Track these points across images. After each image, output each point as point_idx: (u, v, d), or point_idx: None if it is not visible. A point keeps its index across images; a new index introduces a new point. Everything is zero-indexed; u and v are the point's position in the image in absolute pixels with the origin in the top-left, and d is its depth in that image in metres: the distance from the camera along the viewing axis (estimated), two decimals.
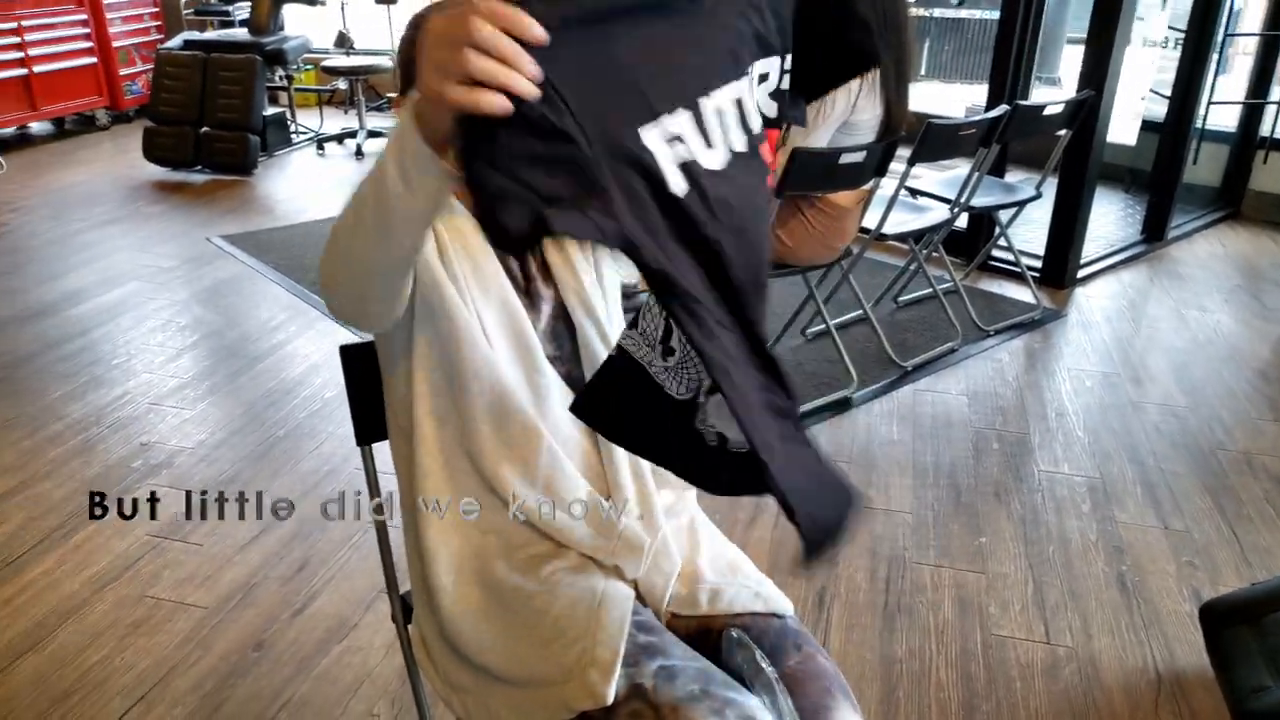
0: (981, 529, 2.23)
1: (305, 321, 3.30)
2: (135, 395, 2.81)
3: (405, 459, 1.16)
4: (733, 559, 1.18)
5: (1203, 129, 3.91)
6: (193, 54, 5.04)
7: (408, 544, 1.18)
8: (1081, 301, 3.53)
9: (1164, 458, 2.52)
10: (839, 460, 2.50)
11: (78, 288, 3.58)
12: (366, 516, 2.23)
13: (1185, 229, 4.20)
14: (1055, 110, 2.95)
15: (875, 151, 2.44)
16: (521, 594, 1.09)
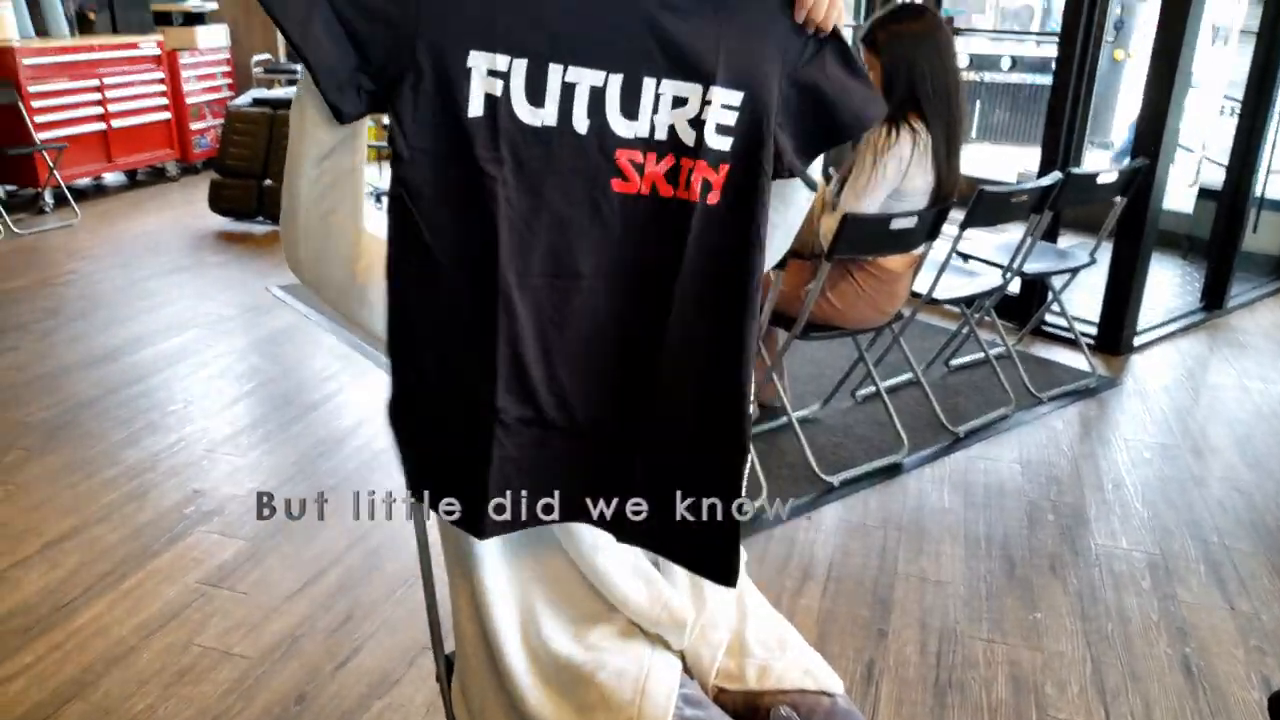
0: (1036, 604, 2.17)
1: (358, 372, 3.35)
2: (190, 441, 2.86)
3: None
4: (782, 633, 1.16)
5: (1262, 197, 3.85)
6: (261, 110, 5.23)
7: (455, 600, 1.18)
8: (1138, 370, 3.46)
9: (1228, 535, 2.44)
10: (888, 527, 2.46)
11: (140, 334, 3.68)
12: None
13: (1245, 298, 4.11)
14: (1109, 178, 2.92)
15: (927, 217, 2.44)
16: (569, 659, 1.07)
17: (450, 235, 0.93)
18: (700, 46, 0.92)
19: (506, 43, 0.88)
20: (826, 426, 2.95)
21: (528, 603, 1.11)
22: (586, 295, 0.96)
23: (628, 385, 0.99)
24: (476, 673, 1.13)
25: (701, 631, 1.13)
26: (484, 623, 1.10)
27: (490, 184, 0.91)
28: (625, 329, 0.98)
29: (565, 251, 0.95)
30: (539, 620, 1.10)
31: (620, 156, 0.94)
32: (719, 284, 0.97)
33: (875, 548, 2.37)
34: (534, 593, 1.11)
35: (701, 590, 1.15)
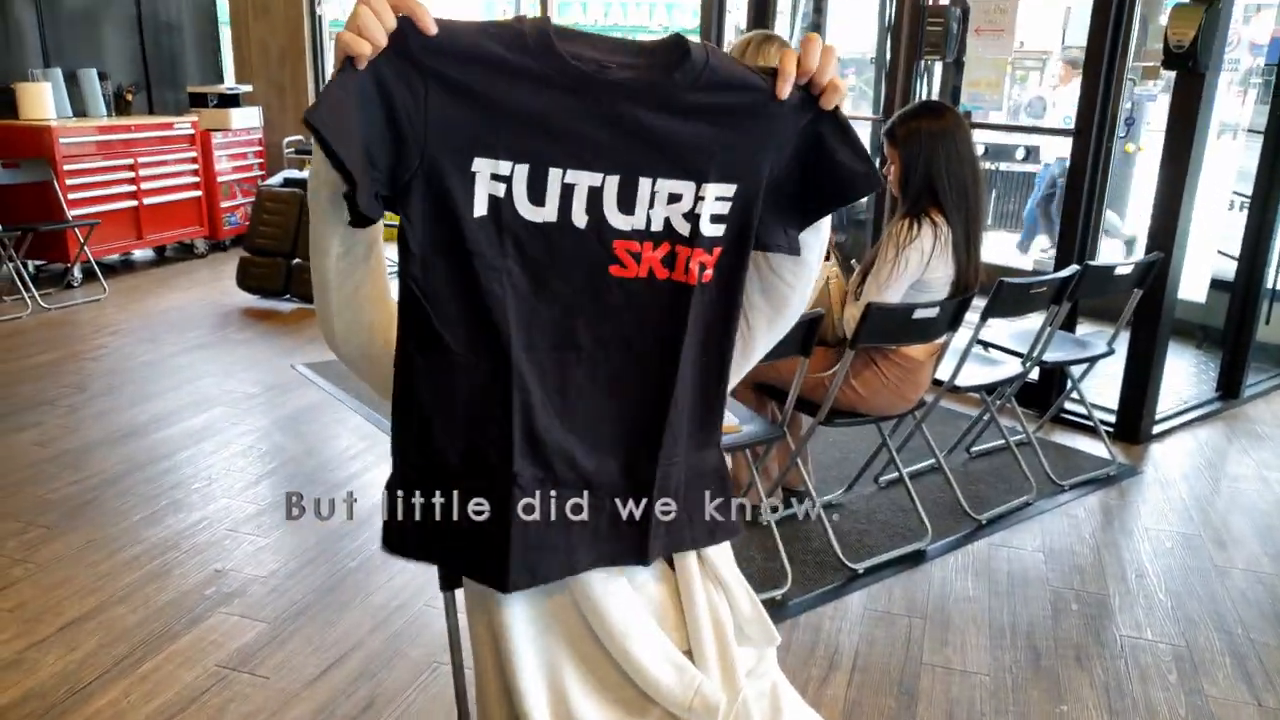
0: (1063, 696, 2.14)
1: (382, 452, 3.38)
2: (213, 521, 2.88)
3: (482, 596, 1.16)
4: None
5: (1274, 289, 3.90)
6: (291, 190, 5.37)
7: (482, 685, 1.17)
8: (1158, 458, 3.46)
9: (1253, 628, 2.41)
10: (913, 615, 2.44)
11: (166, 411, 3.73)
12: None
13: (1260, 387, 4.13)
14: (1125, 271, 2.98)
15: (949, 307, 2.48)
16: None
17: (461, 324, 1.01)
18: (696, 146, 1.00)
19: (509, 150, 0.97)
20: (850, 512, 2.95)
21: (559, 687, 1.11)
22: (586, 364, 1.05)
23: (628, 442, 1.09)
24: None
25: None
26: (516, 706, 1.11)
27: (496, 276, 1.00)
28: (624, 393, 1.07)
29: (567, 328, 1.04)
30: (572, 706, 1.11)
31: (618, 247, 1.03)
32: (709, 350, 1.09)
33: (900, 636, 2.36)
34: (567, 677, 1.11)
35: (734, 678, 1.16)
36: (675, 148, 1.00)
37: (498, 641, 1.13)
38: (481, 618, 1.17)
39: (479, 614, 1.17)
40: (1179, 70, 3.13)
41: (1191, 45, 2.98)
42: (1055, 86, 6.73)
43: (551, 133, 0.97)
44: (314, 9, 7.11)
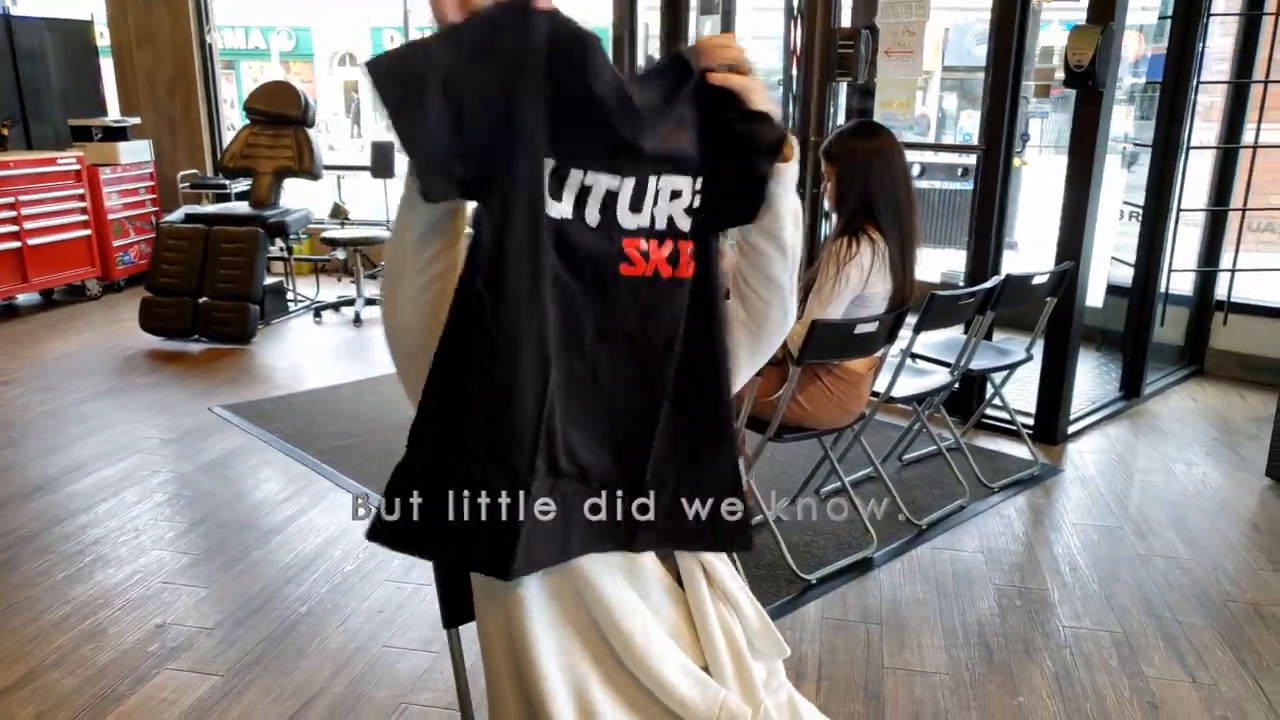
0: (1018, 688, 2.24)
1: (317, 493, 3.29)
2: (146, 574, 2.75)
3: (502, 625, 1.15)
4: None
5: (1166, 293, 4.17)
6: (195, 226, 5.19)
7: (501, 711, 1.16)
8: (1074, 457, 3.65)
9: (1179, 610, 2.57)
10: (869, 622, 2.51)
11: (78, 462, 3.54)
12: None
13: (1158, 385, 4.40)
14: (1042, 280, 3.15)
15: (886, 321, 2.58)
16: None
17: (512, 319, 1.03)
18: (688, 142, 1.07)
19: (552, 150, 1.01)
20: (796, 525, 3.01)
21: (588, 708, 1.11)
22: (588, 360, 1.09)
23: (623, 436, 1.13)
24: None
25: None
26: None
27: (545, 273, 1.04)
28: (621, 388, 1.11)
29: (574, 323, 1.08)
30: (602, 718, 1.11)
31: (628, 245, 1.08)
32: (705, 343, 1.13)
33: (860, 643, 2.42)
34: (595, 697, 1.11)
35: (753, 692, 1.18)
36: (679, 148, 1.07)
37: (521, 668, 1.12)
38: (499, 646, 1.16)
39: (497, 642, 1.16)
40: (1079, 88, 3.34)
41: (1090, 64, 3.19)
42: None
43: (578, 133, 1.01)
44: (203, 37, 6.90)
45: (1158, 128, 3.99)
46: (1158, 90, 4.00)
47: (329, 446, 3.66)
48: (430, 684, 2.25)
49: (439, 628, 2.41)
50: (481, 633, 1.19)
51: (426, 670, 2.30)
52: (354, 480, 3.35)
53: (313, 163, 5.64)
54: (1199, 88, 4.01)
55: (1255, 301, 4.56)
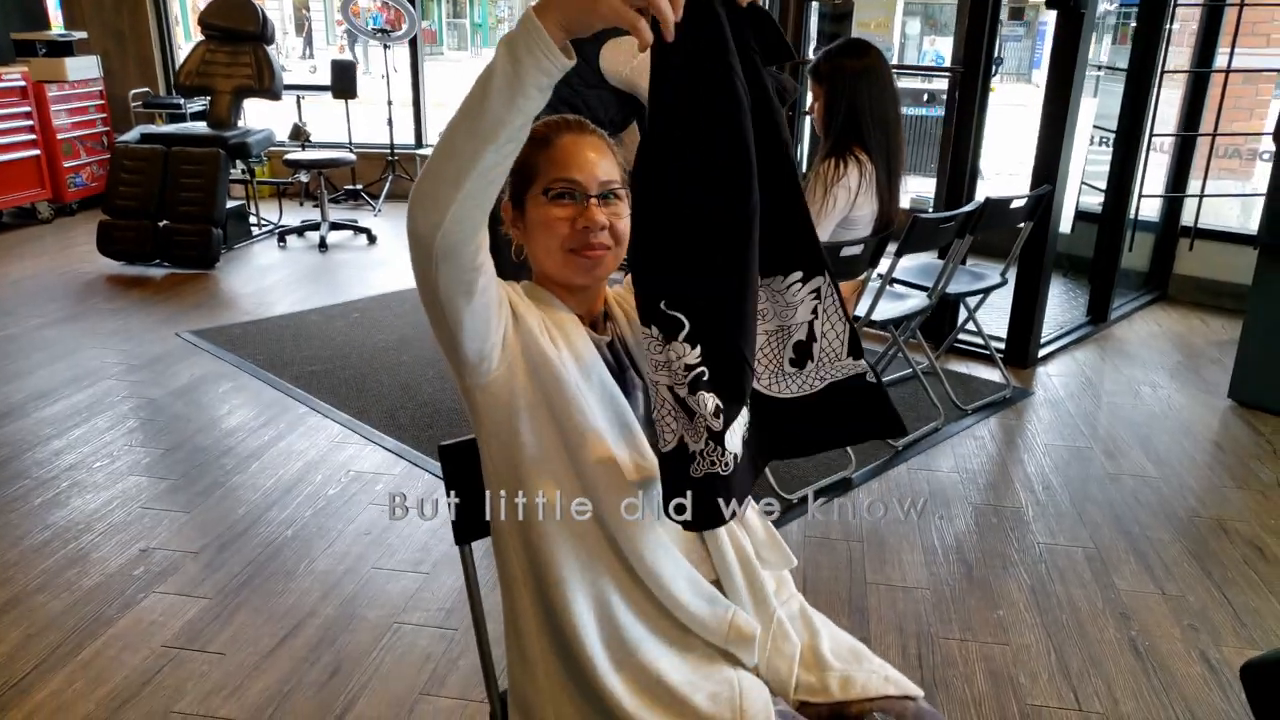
0: (997, 602, 2.32)
1: (294, 418, 3.26)
2: (126, 499, 2.72)
3: (520, 539, 1.16)
4: (852, 645, 1.23)
5: (1135, 219, 4.22)
6: (153, 147, 5.01)
7: (526, 625, 1.17)
8: (1044, 380, 3.72)
9: (1148, 526, 2.66)
10: (850, 540, 2.57)
11: (45, 388, 3.47)
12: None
13: (1123, 310, 4.49)
14: (1020, 204, 3.16)
15: (870, 244, 2.58)
16: (661, 676, 1.11)
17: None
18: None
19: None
20: None
21: (610, 618, 1.13)
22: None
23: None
24: (551, 694, 1.14)
25: (774, 644, 1.19)
26: (568, 635, 1.12)
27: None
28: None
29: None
30: (625, 633, 1.13)
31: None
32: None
33: (843, 560, 2.48)
34: (615, 607, 1.13)
35: (767, 605, 1.21)
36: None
37: (540, 576, 1.13)
38: (518, 557, 1.16)
39: (515, 553, 1.16)
40: (1060, 10, 3.31)
41: None
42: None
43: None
44: None
45: (1133, 51, 3.99)
46: (1131, 15, 3.99)
47: (303, 372, 3.62)
48: (422, 603, 2.27)
49: (427, 549, 2.47)
50: (498, 547, 1.19)
51: (417, 590, 2.32)
52: (331, 405, 3.32)
53: (273, 81, 5.45)
54: (1176, 11, 4.00)
55: (1217, 227, 4.63)
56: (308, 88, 6.81)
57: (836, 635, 1.24)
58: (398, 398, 3.36)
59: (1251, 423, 3.37)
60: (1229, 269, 4.57)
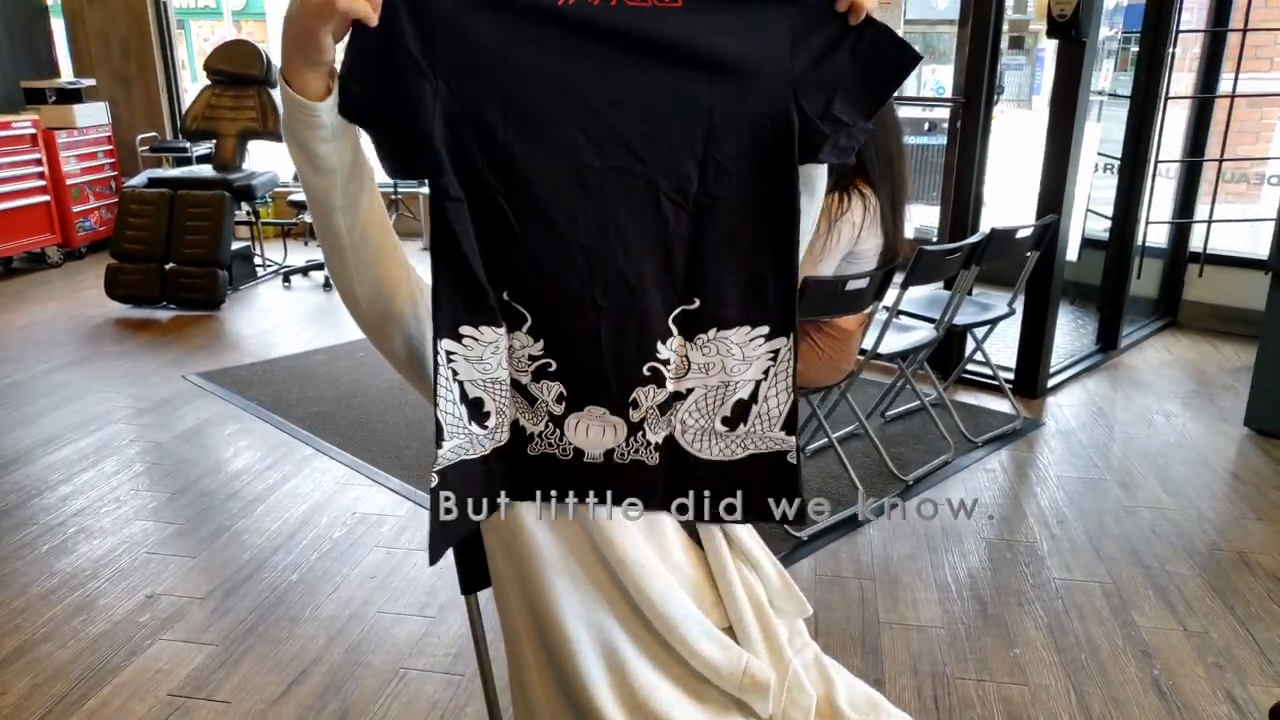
0: (1014, 640, 2.27)
1: (300, 459, 3.24)
2: (132, 545, 2.70)
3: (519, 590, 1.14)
4: (869, 695, 1.19)
5: (1143, 246, 4.20)
6: (159, 191, 5.05)
7: (531, 680, 1.14)
8: (1055, 410, 3.69)
9: (1166, 560, 2.62)
10: (862, 577, 2.53)
11: (52, 433, 3.46)
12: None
13: (1133, 338, 4.46)
14: (1026, 233, 3.15)
15: (876, 277, 2.57)
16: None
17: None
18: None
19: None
20: None
21: (619, 666, 1.10)
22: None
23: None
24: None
25: (789, 695, 1.16)
26: (574, 690, 1.09)
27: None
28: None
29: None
30: (636, 682, 1.10)
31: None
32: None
33: (855, 599, 2.44)
34: (624, 655, 1.10)
35: (781, 654, 1.18)
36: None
37: (544, 631, 1.11)
38: (518, 610, 1.14)
39: (516, 606, 1.14)
40: (1062, 39, 3.32)
41: (1074, 14, 3.17)
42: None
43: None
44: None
45: (1136, 77, 4.00)
46: (1132, 41, 3.99)
47: (308, 413, 3.61)
48: (428, 649, 2.24)
49: (433, 593, 2.43)
50: (499, 598, 1.17)
51: (424, 635, 2.29)
52: (336, 447, 3.30)
53: (277, 123, 5.50)
54: (1178, 37, 4.01)
55: (1226, 252, 4.61)
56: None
57: (853, 685, 1.21)
58: (403, 437, 3.34)
59: (1269, 451, 3.33)
60: (1240, 294, 4.54)
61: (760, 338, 1.08)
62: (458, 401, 1.04)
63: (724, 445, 1.12)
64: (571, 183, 0.99)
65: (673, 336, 1.07)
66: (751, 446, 1.12)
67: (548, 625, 1.10)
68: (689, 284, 1.05)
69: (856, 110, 1.03)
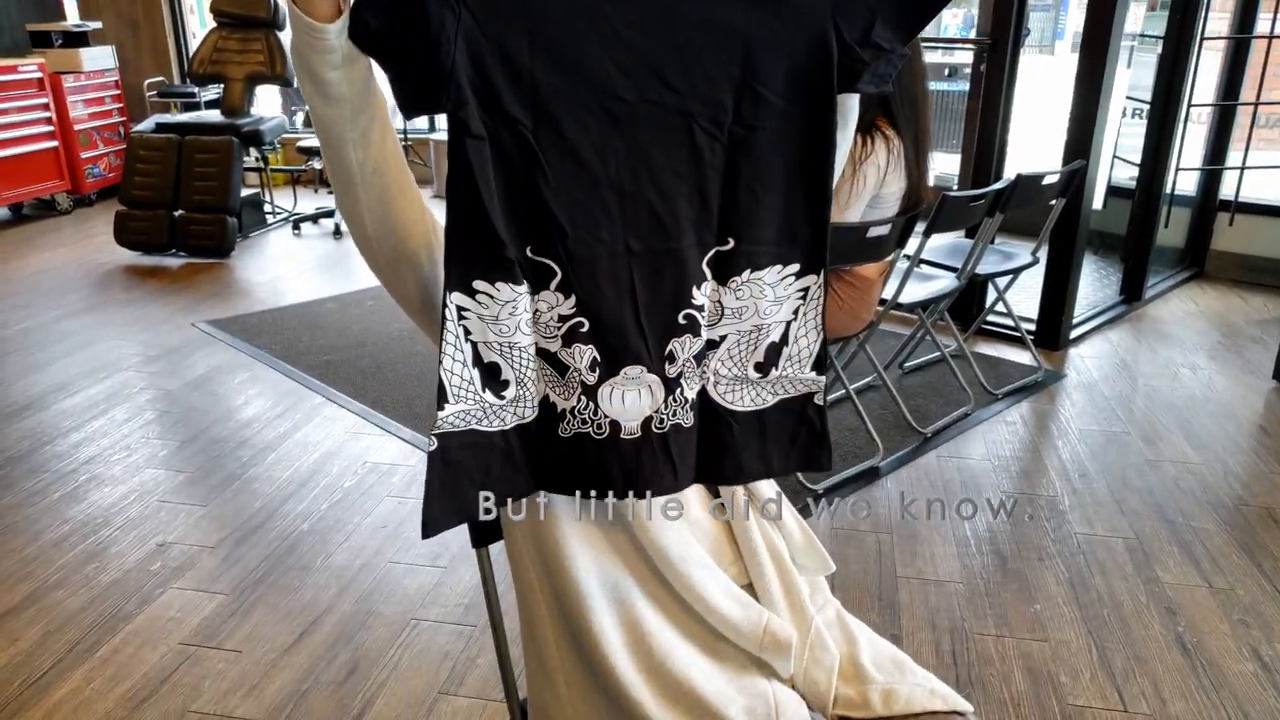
0: (1034, 595, 2.23)
1: (310, 408, 3.22)
2: (144, 492, 2.69)
3: (533, 544, 1.10)
4: (894, 655, 1.15)
5: (1172, 194, 4.09)
6: (167, 136, 4.97)
7: (544, 635, 1.11)
8: (1077, 362, 3.62)
9: (1191, 516, 2.57)
10: (879, 531, 2.49)
11: (63, 380, 3.44)
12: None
13: (1159, 288, 4.36)
14: (1052, 180, 3.05)
15: (898, 224, 2.49)
16: (693, 686, 1.04)
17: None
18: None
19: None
20: None
21: (634, 624, 1.06)
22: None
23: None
24: (573, 704, 1.08)
25: (811, 654, 1.12)
26: (587, 647, 1.06)
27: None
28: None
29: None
30: (653, 640, 1.06)
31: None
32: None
33: (871, 552, 2.40)
34: (640, 613, 1.07)
35: (803, 612, 1.14)
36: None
37: (558, 589, 1.07)
38: (533, 564, 1.10)
39: (529, 560, 1.10)
40: None
41: None
42: None
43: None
44: None
45: (1170, 18, 3.85)
46: None
47: (318, 361, 3.57)
48: (440, 599, 2.22)
49: (444, 543, 2.41)
50: (512, 553, 1.13)
51: (435, 585, 2.27)
52: (347, 395, 3.27)
53: (285, 67, 5.39)
54: None
55: (1257, 201, 4.48)
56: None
57: (877, 644, 1.17)
58: (413, 386, 3.31)
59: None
60: (1271, 244, 4.43)
61: (791, 276, 1.02)
62: (469, 364, 0.97)
63: (756, 393, 1.06)
64: (601, 117, 0.92)
65: (707, 281, 1.01)
66: (782, 391, 1.07)
67: (562, 581, 1.06)
68: (723, 222, 0.99)
69: (896, 35, 0.96)
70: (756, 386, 1.06)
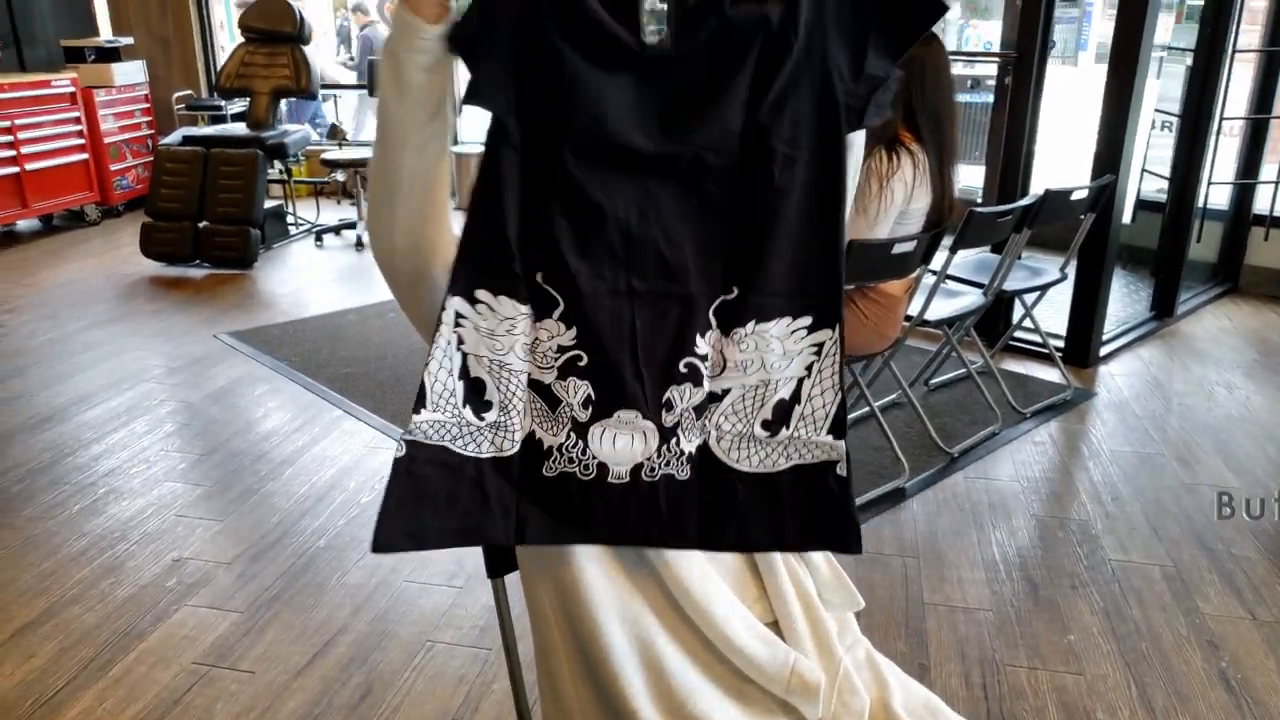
0: (1068, 625, 2.16)
1: (329, 421, 3.20)
2: (161, 506, 2.68)
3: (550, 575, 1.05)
4: (927, 699, 1.10)
5: (1204, 209, 4.00)
6: (193, 149, 5.00)
7: (559, 670, 1.07)
8: (1107, 380, 3.54)
9: (1231, 542, 2.48)
10: (905, 555, 2.43)
11: (85, 391, 3.45)
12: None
13: (1191, 304, 4.27)
14: (1081, 195, 2.99)
15: (924, 240, 2.44)
16: None
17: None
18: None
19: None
20: None
21: (654, 662, 1.02)
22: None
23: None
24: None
25: (840, 698, 1.07)
26: (605, 684, 1.01)
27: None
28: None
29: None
30: (673, 680, 1.02)
31: None
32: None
33: (898, 578, 2.34)
34: (661, 650, 1.02)
35: (831, 653, 1.09)
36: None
37: (575, 620, 1.02)
38: (548, 597, 1.06)
39: (545, 593, 1.06)
40: None
41: None
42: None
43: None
44: None
45: (1201, 30, 3.77)
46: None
47: (338, 374, 3.56)
48: (455, 621, 2.18)
49: (461, 562, 2.37)
50: (527, 585, 1.09)
51: (450, 606, 2.23)
52: (366, 409, 3.25)
53: (310, 81, 5.42)
54: None
55: None
56: (346, 86, 6.79)
57: (909, 687, 1.12)
58: None
59: None
60: None
61: (802, 329, 0.99)
62: (454, 374, 0.97)
63: (764, 453, 1.02)
64: (613, 161, 0.94)
65: (712, 330, 0.98)
66: (795, 456, 1.02)
67: (579, 618, 1.02)
68: (730, 270, 0.97)
69: (887, 62, 0.96)
70: (765, 446, 1.02)
